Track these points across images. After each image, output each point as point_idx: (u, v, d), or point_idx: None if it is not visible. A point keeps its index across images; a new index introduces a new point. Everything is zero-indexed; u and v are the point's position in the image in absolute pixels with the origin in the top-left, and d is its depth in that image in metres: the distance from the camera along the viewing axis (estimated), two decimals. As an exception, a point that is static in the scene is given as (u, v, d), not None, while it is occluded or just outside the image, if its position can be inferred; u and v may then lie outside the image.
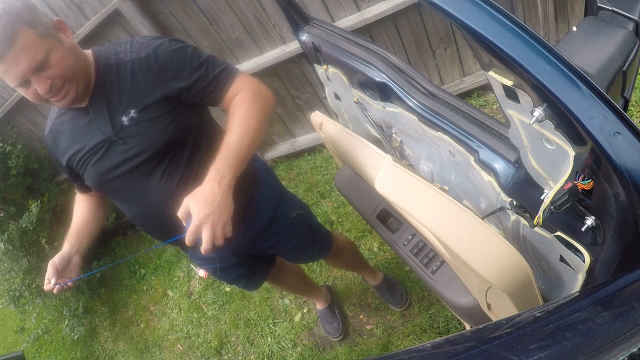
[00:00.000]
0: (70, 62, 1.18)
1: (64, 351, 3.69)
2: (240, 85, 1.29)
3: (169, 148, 1.30)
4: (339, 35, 1.50)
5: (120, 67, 1.26)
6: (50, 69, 1.14)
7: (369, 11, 2.49)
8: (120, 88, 1.25)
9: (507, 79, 0.80)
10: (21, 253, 3.14)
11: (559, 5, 2.35)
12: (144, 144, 1.28)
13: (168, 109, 1.27)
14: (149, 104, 1.25)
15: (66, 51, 1.17)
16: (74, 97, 1.21)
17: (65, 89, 1.18)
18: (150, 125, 1.26)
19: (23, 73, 1.10)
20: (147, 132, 1.27)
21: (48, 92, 1.16)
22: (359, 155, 1.33)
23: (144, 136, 1.27)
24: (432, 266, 1.32)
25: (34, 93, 1.17)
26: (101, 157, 1.31)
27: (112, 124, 1.27)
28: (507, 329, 0.52)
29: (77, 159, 1.35)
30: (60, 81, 1.16)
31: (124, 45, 1.29)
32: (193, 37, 2.86)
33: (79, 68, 1.21)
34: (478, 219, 0.88)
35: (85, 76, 1.23)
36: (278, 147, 3.41)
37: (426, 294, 2.32)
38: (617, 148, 0.63)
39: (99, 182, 1.36)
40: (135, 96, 1.25)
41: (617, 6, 0.99)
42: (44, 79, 1.13)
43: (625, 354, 0.44)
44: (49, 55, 1.13)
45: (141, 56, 1.24)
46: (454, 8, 0.71)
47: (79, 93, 1.22)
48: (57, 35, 1.17)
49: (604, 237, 0.81)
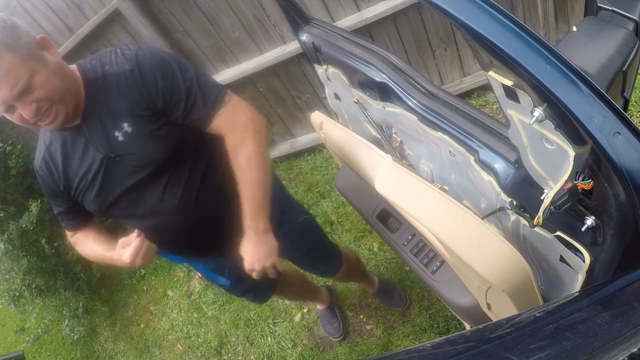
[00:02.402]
0: (56, 83, 1.11)
1: (64, 351, 3.69)
2: (232, 114, 1.25)
3: (168, 162, 1.26)
4: (339, 35, 1.50)
5: (107, 80, 1.20)
6: (34, 92, 1.07)
7: (369, 11, 2.49)
8: (110, 102, 1.20)
9: (507, 79, 0.80)
10: (21, 253, 3.14)
11: (559, 5, 2.35)
12: (142, 160, 1.23)
13: (161, 122, 1.22)
14: (140, 116, 1.20)
15: (51, 72, 1.10)
16: (64, 119, 1.15)
17: (53, 111, 1.12)
18: (146, 140, 1.22)
19: (5, 100, 1.05)
20: (143, 147, 1.22)
21: (34, 116, 1.10)
22: (359, 155, 1.33)
23: (141, 152, 1.22)
24: (432, 266, 1.32)
25: (20, 118, 1.11)
26: (102, 177, 1.26)
27: (107, 141, 1.21)
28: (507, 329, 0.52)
29: (76, 182, 1.28)
30: (46, 103, 1.10)
31: (108, 56, 1.22)
32: (193, 37, 2.86)
33: (67, 88, 1.14)
34: (478, 219, 0.88)
35: (75, 95, 1.17)
36: (278, 147, 3.41)
37: (426, 294, 2.32)
38: (617, 148, 0.63)
39: (102, 203, 1.30)
40: (126, 110, 1.19)
41: (617, 6, 0.99)
42: (28, 103, 1.07)
43: (625, 354, 0.44)
44: (33, 78, 1.06)
45: (126, 69, 1.19)
46: (454, 8, 0.71)
47: (69, 113, 1.16)
48: (40, 55, 1.10)
49: (604, 237, 0.81)
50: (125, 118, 1.20)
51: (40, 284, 3.19)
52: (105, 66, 1.21)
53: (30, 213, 3.17)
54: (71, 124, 1.21)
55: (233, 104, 1.26)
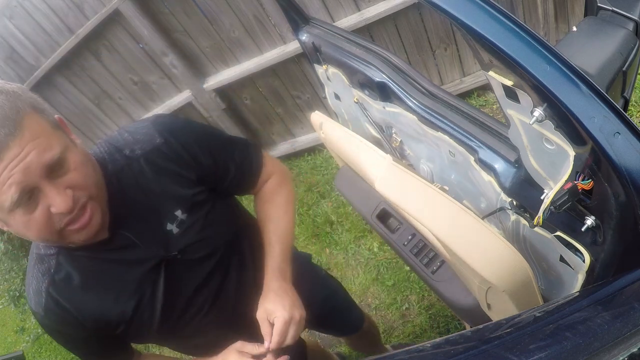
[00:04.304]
0: (90, 171, 0.84)
1: (64, 351, 3.69)
2: (270, 165, 1.15)
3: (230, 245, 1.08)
4: (339, 35, 1.50)
5: (133, 165, 0.94)
6: (70, 173, 0.78)
7: (369, 11, 2.49)
8: (147, 191, 0.94)
9: (507, 79, 0.80)
10: (21, 253, 3.15)
11: (559, 5, 2.35)
12: (208, 247, 1.02)
13: (211, 198, 1.03)
14: (193, 196, 0.98)
15: (82, 155, 0.83)
16: (99, 224, 0.85)
17: (89, 209, 0.82)
18: (207, 223, 1.01)
19: (31, 172, 0.73)
20: (205, 232, 1.00)
21: (71, 209, 0.78)
22: (359, 155, 1.33)
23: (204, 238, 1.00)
24: (432, 266, 1.32)
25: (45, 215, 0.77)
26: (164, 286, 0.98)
27: (159, 240, 0.95)
28: (507, 329, 0.52)
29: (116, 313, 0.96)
30: (84, 195, 0.81)
31: (119, 138, 0.97)
32: (193, 37, 2.86)
33: (99, 181, 0.86)
34: (478, 219, 0.88)
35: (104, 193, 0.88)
36: (278, 147, 3.41)
37: (426, 294, 2.32)
38: (617, 148, 0.63)
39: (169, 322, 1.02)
40: (173, 193, 0.96)
41: (617, 6, 0.99)
42: (62, 188, 0.77)
43: (625, 354, 0.44)
44: (66, 154, 0.78)
45: (157, 142, 0.94)
46: (454, 8, 0.71)
47: (104, 217, 0.87)
48: (66, 133, 0.84)
49: (604, 237, 0.81)
50: (175, 204, 0.96)
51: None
52: (124, 150, 0.95)
53: (30, 213, 3.17)
54: (99, 236, 0.90)
55: (266, 155, 1.17)
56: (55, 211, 0.78)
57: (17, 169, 0.72)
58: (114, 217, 0.91)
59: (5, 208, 0.76)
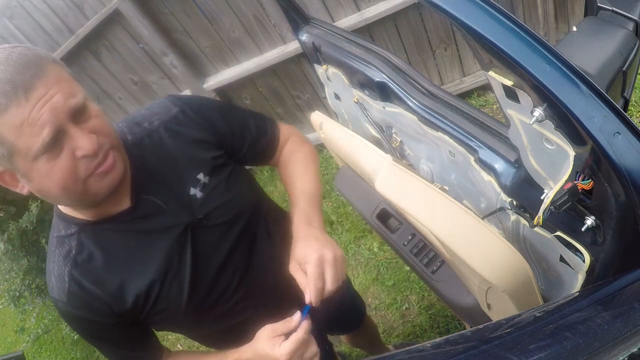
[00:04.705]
0: (110, 123, 0.85)
1: (64, 351, 3.69)
2: (285, 133, 1.15)
3: (253, 212, 1.06)
4: (339, 35, 1.50)
5: (152, 136, 0.95)
6: (92, 120, 0.80)
7: (369, 11, 2.49)
8: (168, 158, 0.95)
9: (507, 79, 0.80)
10: (21, 253, 3.14)
11: (559, 5, 2.35)
12: (233, 210, 1.00)
13: (231, 163, 1.03)
14: (214, 159, 0.99)
15: (100, 111, 0.85)
16: (122, 173, 0.84)
17: (112, 156, 0.82)
18: (229, 186, 1.00)
19: (59, 113, 0.74)
20: (229, 194, 1.00)
21: (95, 152, 0.78)
22: (359, 155, 1.33)
23: (229, 200, 0.99)
24: (432, 266, 1.32)
25: (70, 159, 0.77)
26: (192, 254, 0.95)
27: (183, 205, 0.94)
28: (507, 329, 0.52)
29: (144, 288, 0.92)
30: (107, 142, 0.81)
31: (137, 116, 0.99)
32: (193, 37, 2.86)
33: (118, 136, 0.87)
34: (478, 219, 0.88)
35: (124, 152, 0.88)
36: (278, 147, 3.41)
37: (426, 294, 2.32)
38: (617, 148, 0.63)
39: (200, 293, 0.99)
40: (193, 158, 0.96)
41: (617, 6, 0.99)
42: (87, 132, 0.78)
43: (625, 354, 0.44)
44: (88, 103, 0.80)
45: (173, 112, 0.98)
46: (454, 8, 0.71)
47: (125, 172, 0.87)
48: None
49: (604, 237, 0.81)
50: (197, 168, 0.97)
51: (40, 284, 3.18)
52: (143, 124, 0.97)
53: (30, 213, 3.17)
54: (120, 206, 0.91)
55: (281, 125, 1.18)
56: (80, 154, 0.77)
57: (46, 109, 0.73)
58: (136, 185, 0.91)
59: (32, 154, 0.74)
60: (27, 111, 0.71)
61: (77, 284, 0.90)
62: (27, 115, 0.71)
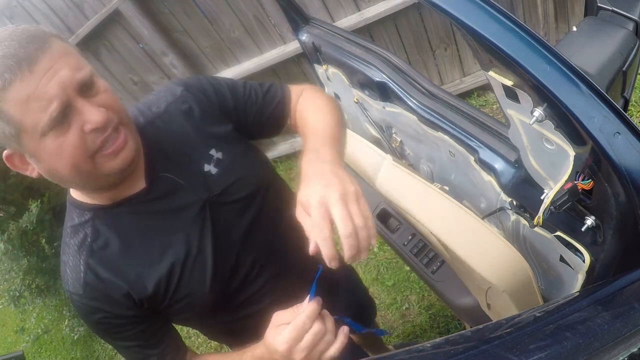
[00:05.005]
0: (118, 100, 0.81)
1: (64, 351, 3.69)
2: (298, 93, 1.07)
3: (270, 188, 1.02)
4: (339, 35, 1.50)
5: (163, 117, 0.93)
6: (100, 95, 0.76)
7: (369, 11, 2.49)
8: (180, 136, 0.93)
9: (507, 79, 0.80)
10: (21, 253, 3.14)
11: (559, 5, 2.35)
12: (249, 185, 0.96)
13: (243, 139, 1.00)
14: (226, 133, 0.96)
15: (109, 87, 0.81)
16: (134, 151, 0.80)
17: (122, 132, 0.78)
18: (242, 161, 0.97)
19: (67, 86, 0.71)
20: (245, 169, 0.97)
21: (104, 124, 0.74)
22: (359, 155, 1.33)
23: (244, 175, 0.96)
24: (432, 266, 1.32)
25: (79, 134, 0.73)
26: (212, 233, 0.91)
27: (199, 182, 0.91)
28: (507, 329, 0.52)
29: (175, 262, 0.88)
30: (116, 117, 0.78)
31: (145, 102, 0.97)
32: (193, 37, 2.86)
33: (129, 114, 0.84)
34: (478, 219, 0.88)
35: (134, 128, 0.84)
36: (278, 147, 3.41)
37: (426, 294, 2.32)
38: (617, 148, 0.63)
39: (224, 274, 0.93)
40: (204, 134, 0.94)
41: (617, 6, 0.99)
42: (95, 106, 0.75)
43: (625, 354, 0.44)
44: (95, 78, 0.77)
45: (178, 92, 0.96)
46: (454, 8, 0.71)
47: (138, 151, 0.83)
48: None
49: (604, 237, 0.81)
50: (209, 143, 0.94)
51: (40, 284, 3.18)
52: (152, 108, 0.95)
53: (30, 213, 3.17)
54: (134, 188, 0.87)
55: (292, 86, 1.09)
56: (89, 128, 0.74)
57: (53, 83, 0.70)
58: (150, 165, 0.88)
59: (40, 130, 0.71)
60: (33, 85, 0.69)
61: (94, 273, 0.85)
62: (32, 89, 0.69)
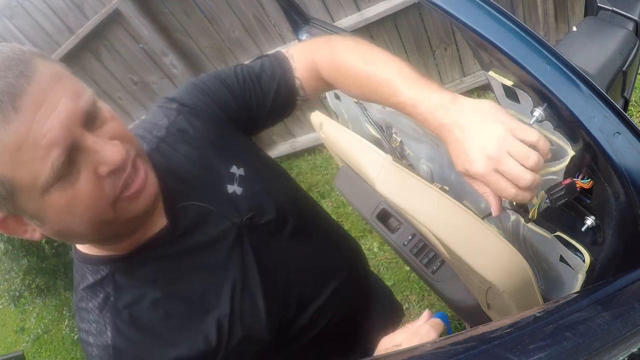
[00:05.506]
0: (126, 126, 0.67)
1: (64, 351, 3.69)
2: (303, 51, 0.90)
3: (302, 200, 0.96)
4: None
5: (167, 141, 0.79)
6: (108, 123, 0.62)
7: (369, 11, 2.49)
8: (193, 158, 0.79)
9: (507, 79, 0.80)
10: (21, 253, 3.14)
11: (559, 5, 2.35)
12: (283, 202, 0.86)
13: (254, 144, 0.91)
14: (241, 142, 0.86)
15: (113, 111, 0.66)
16: (156, 187, 0.67)
17: (141, 166, 0.65)
18: (266, 175, 0.87)
19: (70, 123, 0.55)
20: (271, 181, 0.87)
21: (124, 161, 0.60)
22: (359, 155, 1.33)
23: (273, 189, 0.86)
24: (432, 266, 1.32)
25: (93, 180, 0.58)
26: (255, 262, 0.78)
27: (226, 205, 0.78)
28: (507, 329, 0.52)
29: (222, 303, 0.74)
30: (131, 148, 0.64)
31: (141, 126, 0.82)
32: (193, 37, 2.86)
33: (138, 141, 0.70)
34: (478, 219, 0.88)
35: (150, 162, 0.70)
36: (278, 147, 3.41)
37: (426, 294, 2.32)
38: (617, 148, 0.63)
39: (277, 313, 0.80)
40: (219, 149, 0.81)
41: (617, 6, 0.99)
42: (107, 138, 0.60)
43: (625, 354, 0.44)
44: (98, 105, 0.61)
45: (174, 112, 0.82)
46: (454, 8, 0.71)
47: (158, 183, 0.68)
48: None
49: (604, 237, 0.81)
50: (226, 160, 0.81)
51: (40, 284, 3.19)
52: (152, 132, 0.80)
53: (30, 213, 3.16)
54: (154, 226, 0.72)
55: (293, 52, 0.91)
56: (106, 170, 0.59)
57: (51, 121, 0.53)
58: (167, 197, 0.73)
59: (39, 186, 0.55)
60: (23, 128, 0.52)
61: (124, 337, 0.68)
62: (24, 134, 0.52)
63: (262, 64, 0.90)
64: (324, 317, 0.90)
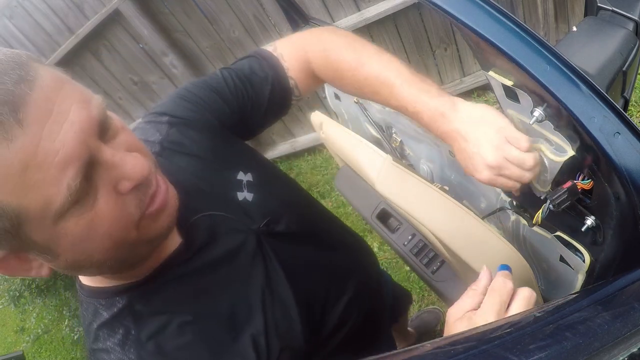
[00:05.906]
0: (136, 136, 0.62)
1: (64, 351, 3.69)
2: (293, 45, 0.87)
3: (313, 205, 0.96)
4: (339, 35, 1.50)
5: (164, 155, 0.75)
6: (120, 135, 0.55)
7: (369, 11, 2.49)
8: (195, 170, 0.75)
9: (507, 79, 0.80)
10: (21, 253, 3.15)
11: (559, 5, 2.34)
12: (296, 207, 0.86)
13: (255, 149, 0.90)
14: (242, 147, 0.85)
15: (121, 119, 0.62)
16: (177, 200, 0.62)
17: (160, 179, 0.60)
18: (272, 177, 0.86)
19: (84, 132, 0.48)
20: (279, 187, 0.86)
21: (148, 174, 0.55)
22: (359, 155, 1.33)
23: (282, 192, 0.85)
24: (432, 266, 1.32)
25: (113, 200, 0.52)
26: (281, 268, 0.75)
27: (240, 213, 0.75)
28: (507, 329, 0.52)
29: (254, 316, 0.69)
30: (150, 163, 0.57)
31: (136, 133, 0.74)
32: (193, 37, 2.86)
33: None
34: (478, 219, 0.88)
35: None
36: (278, 147, 3.41)
37: (426, 294, 2.32)
38: (617, 148, 0.63)
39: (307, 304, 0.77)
40: (222, 157, 0.78)
41: (617, 6, 0.99)
42: (123, 149, 0.55)
43: (625, 354, 0.44)
44: (109, 116, 0.55)
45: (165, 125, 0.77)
46: (454, 8, 0.71)
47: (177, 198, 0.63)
48: None
49: (604, 237, 0.81)
50: (232, 167, 0.78)
51: (40, 284, 3.19)
52: (150, 138, 0.76)
53: (30, 213, 3.17)
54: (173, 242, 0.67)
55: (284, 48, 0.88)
56: (129, 186, 0.52)
57: (64, 134, 0.45)
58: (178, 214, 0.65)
59: (53, 212, 0.47)
60: (30, 144, 0.43)
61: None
62: (31, 151, 0.43)
63: (250, 65, 0.86)
64: (350, 316, 0.88)
